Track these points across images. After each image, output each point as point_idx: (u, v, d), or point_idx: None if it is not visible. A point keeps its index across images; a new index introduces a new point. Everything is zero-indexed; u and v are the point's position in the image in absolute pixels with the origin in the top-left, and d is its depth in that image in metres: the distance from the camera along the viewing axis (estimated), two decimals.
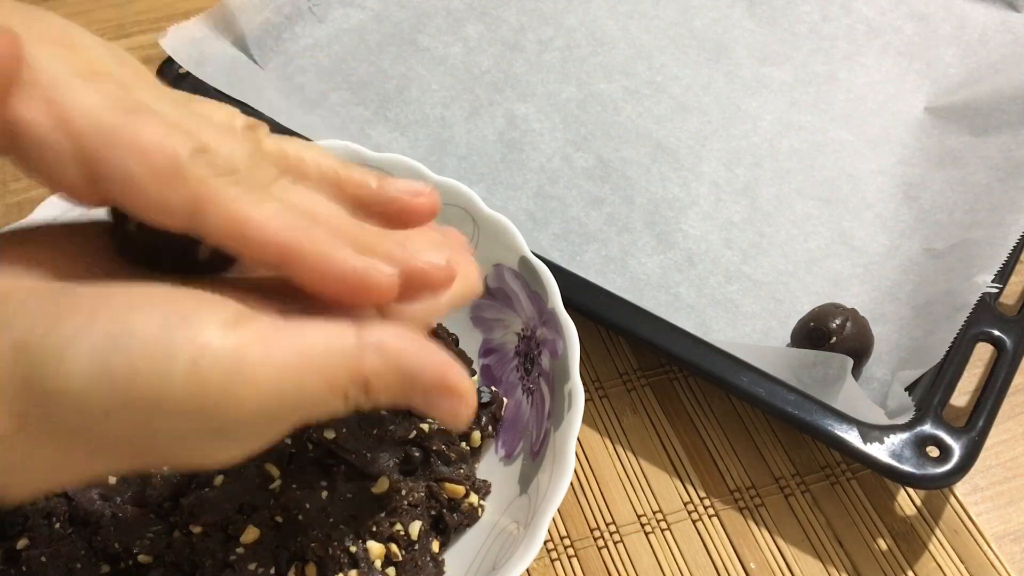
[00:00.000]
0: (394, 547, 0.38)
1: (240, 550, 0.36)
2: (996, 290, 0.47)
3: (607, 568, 0.42)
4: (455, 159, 0.57)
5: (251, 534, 0.37)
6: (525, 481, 0.40)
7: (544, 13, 0.66)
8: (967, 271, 0.48)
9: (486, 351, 0.46)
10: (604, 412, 0.47)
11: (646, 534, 0.43)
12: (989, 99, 0.59)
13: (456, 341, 0.46)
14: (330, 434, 0.39)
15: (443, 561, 0.39)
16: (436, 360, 0.25)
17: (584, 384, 0.48)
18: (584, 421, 0.47)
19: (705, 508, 0.44)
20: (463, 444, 0.42)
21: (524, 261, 0.43)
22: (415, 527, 0.38)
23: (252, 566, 0.36)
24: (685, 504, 0.44)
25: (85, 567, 0.37)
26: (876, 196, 0.56)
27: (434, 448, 0.40)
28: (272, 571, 0.36)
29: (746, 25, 0.66)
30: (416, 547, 0.38)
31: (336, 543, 0.37)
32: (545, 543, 0.43)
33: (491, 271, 0.45)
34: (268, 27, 0.62)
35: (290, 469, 0.39)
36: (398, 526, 0.38)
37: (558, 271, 0.45)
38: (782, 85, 0.62)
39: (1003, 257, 0.48)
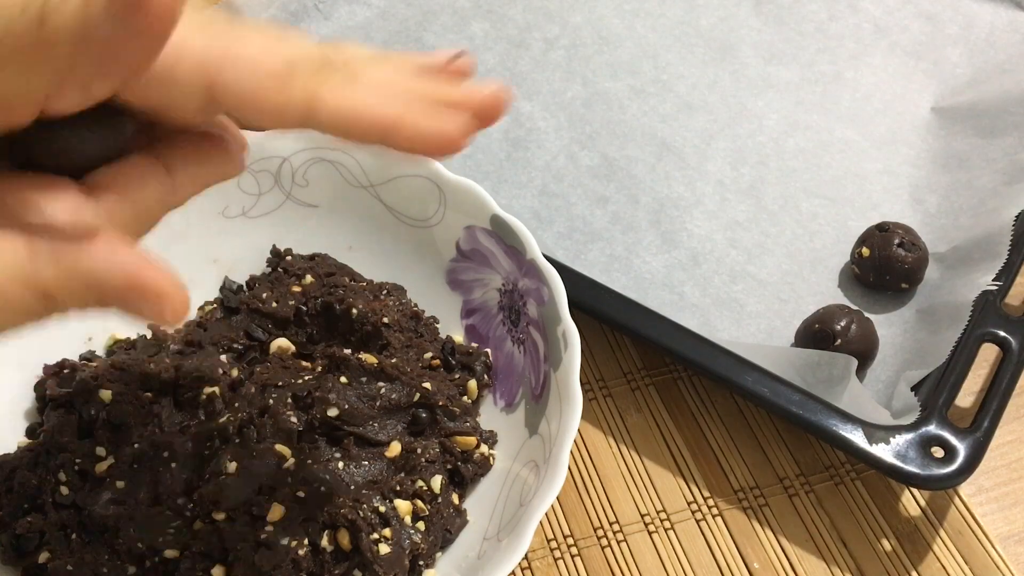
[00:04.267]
0: (419, 503, 0.39)
1: (270, 528, 0.37)
2: (997, 287, 0.47)
3: (610, 567, 0.42)
4: (459, 157, 0.57)
5: (276, 511, 0.37)
6: (532, 424, 0.41)
7: (550, 11, 0.66)
8: (971, 272, 0.48)
9: (468, 312, 0.46)
10: (608, 411, 0.47)
11: (649, 533, 0.43)
12: (996, 101, 0.59)
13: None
14: (333, 412, 0.40)
15: (465, 511, 0.40)
16: (123, 261, 0.24)
17: (588, 383, 0.48)
18: (588, 420, 0.47)
19: (709, 508, 0.44)
20: (463, 398, 0.43)
21: (496, 219, 0.44)
22: (437, 481, 0.40)
23: (285, 540, 0.36)
24: (689, 504, 0.44)
25: (112, 571, 0.37)
26: (882, 196, 0.56)
27: (440, 404, 0.41)
28: (306, 542, 0.37)
29: (752, 24, 0.66)
30: (440, 500, 0.39)
31: (365, 506, 0.37)
32: (548, 542, 0.43)
33: (463, 234, 0.46)
34: (273, 24, 0.62)
35: (301, 446, 0.40)
36: (420, 482, 0.39)
37: (562, 270, 0.44)
38: (788, 84, 0.62)
39: (1005, 256, 0.48)
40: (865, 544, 0.43)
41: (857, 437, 0.41)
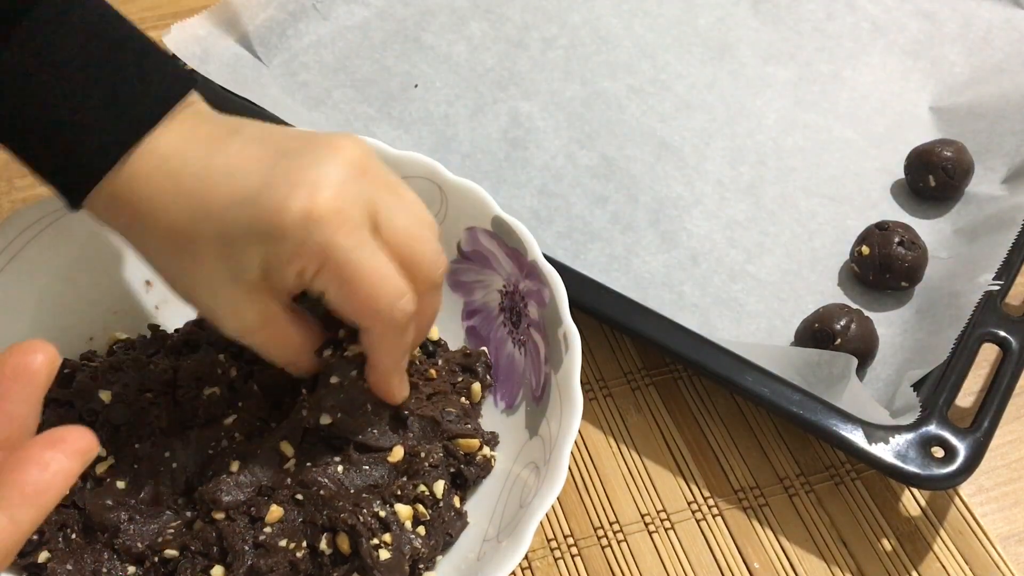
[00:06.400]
0: (420, 507, 0.38)
1: (268, 529, 0.37)
2: (998, 287, 0.47)
3: (611, 567, 0.42)
4: (459, 157, 0.57)
5: (275, 513, 0.37)
6: (533, 426, 0.41)
7: (548, 11, 0.66)
8: (971, 272, 0.48)
9: (469, 313, 0.46)
10: (608, 411, 0.47)
11: (650, 533, 0.43)
12: (994, 101, 0.59)
13: None
14: (326, 419, 0.39)
15: (466, 513, 0.40)
16: None
17: (588, 383, 0.48)
18: (588, 420, 0.47)
19: (709, 508, 0.44)
20: (464, 400, 0.42)
21: (497, 220, 0.44)
22: (439, 486, 0.39)
23: (283, 542, 0.36)
24: (689, 503, 0.44)
25: (112, 571, 0.37)
26: (881, 195, 0.56)
27: (441, 407, 0.41)
28: (304, 544, 0.37)
29: (750, 23, 0.66)
30: (441, 504, 0.39)
31: (365, 510, 0.37)
32: (549, 541, 0.43)
33: (464, 235, 0.46)
34: (272, 24, 0.61)
35: (303, 447, 0.39)
36: (422, 487, 0.39)
37: (562, 269, 0.44)
38: (786, 83, 0.62)
39: (1004, 255, 0.48)
40: (865, 544, 0.43)
41: (857, 437, 0.41)
